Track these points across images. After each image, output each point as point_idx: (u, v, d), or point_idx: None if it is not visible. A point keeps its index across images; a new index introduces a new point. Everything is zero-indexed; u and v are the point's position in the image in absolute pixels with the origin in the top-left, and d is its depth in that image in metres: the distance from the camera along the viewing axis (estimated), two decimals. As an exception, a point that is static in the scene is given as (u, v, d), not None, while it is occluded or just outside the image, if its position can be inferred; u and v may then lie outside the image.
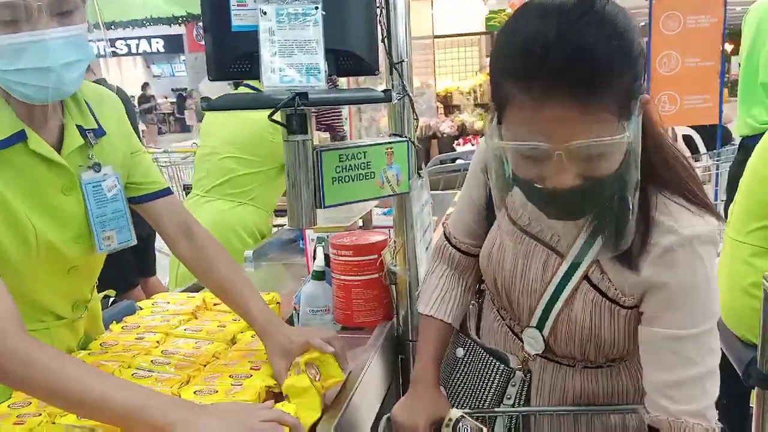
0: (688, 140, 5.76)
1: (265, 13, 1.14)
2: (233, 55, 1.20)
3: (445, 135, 7.60)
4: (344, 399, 1.24)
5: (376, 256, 1.59)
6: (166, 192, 1.45)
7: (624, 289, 1.09)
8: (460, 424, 1.15)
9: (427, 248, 1.64)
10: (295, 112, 1.23)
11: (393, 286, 1.60)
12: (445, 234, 1.39)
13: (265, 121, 1.20)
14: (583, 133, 0.90)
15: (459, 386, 1.32)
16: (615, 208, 1.00)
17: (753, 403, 1.78)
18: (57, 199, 1.27)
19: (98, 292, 1.56)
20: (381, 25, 1.43)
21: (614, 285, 1.10)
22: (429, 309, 1.35)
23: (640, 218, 1.03)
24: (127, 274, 2.98)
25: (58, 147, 1.28)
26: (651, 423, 1.07)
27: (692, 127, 5.69)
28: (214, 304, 1.66)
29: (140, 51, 16.74)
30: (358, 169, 1.39)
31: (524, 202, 1.12)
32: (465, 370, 1.32)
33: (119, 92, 3.43)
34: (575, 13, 0.90)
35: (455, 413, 1.17)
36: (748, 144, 2.85)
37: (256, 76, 1.18)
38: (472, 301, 1.43)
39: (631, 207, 0.99)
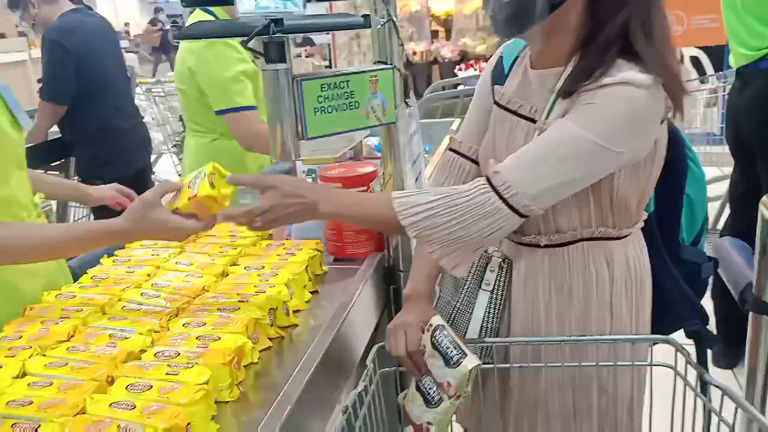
0: (695, 61, 5.63)
1: (235, -64, 1.09)
2: (206, -19, 1.15)
3: (446, 60, 7.43)
4: (333, 327, 1.26)
5: (365, 187, 1.58)
6: None
7: None
8: (438, 332, 1.14)
9: (416, 179, 1.62)
10: (271, 40, 1.20)
11: (383, 217, 1.59)
12: (453, 148, 1.40)
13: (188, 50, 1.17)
14: None
15: (447, 278, 1.36)
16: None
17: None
18: None
19: None
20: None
21: None
22: None
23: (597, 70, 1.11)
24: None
25: None
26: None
27: (699, 47, 5.53)
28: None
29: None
30: (341, 99, 1.36)
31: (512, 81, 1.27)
32: None
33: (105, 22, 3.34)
34: None
35: (436, 320, 1.17)
36: (744, 72, 2.76)
37: (230, 1, 1.13)
38: None
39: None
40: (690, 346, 1.20)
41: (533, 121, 1.22)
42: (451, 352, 1.11)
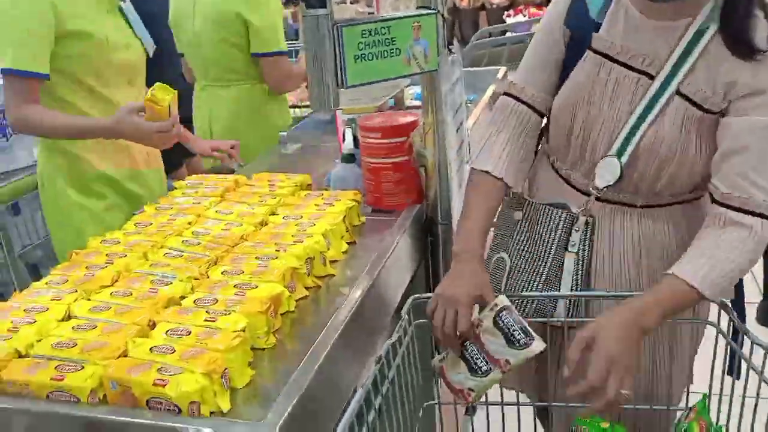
0: None
1: None
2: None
3: (494, 6, 7.23)
4: (369, 278, 1.26)
5: (405, 138, 1.56)
6: None
7: (716, 88, 1.12)
8: (504, 313, 1.11)
9: (458, 130, 1.58)
10: (311, -15, 1.17)
11: (422, 169, 1.57)
12: (512, 94, 1.33)
13: None
14: None
15: (520, 245, 1.30)
16: None
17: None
18: (108, 20, 1.76)
19: None
20: None
21: (706, 91, 1.12)
22: (493, 167, 1.28)
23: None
24: (172, 155, 3.03)
25: None
26: (720, 199, 1.11)
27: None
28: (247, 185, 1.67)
29: None
30: (382, 46, 1.33)
31: (612, 28, 1.19)
32: (525, 230, 1.30)
33: None
34: None
35: (502, 301, 1.13)
36: None
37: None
38: None
39: None
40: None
41: (647, 74, 1.16)
42: (518, 334, 1.09)
